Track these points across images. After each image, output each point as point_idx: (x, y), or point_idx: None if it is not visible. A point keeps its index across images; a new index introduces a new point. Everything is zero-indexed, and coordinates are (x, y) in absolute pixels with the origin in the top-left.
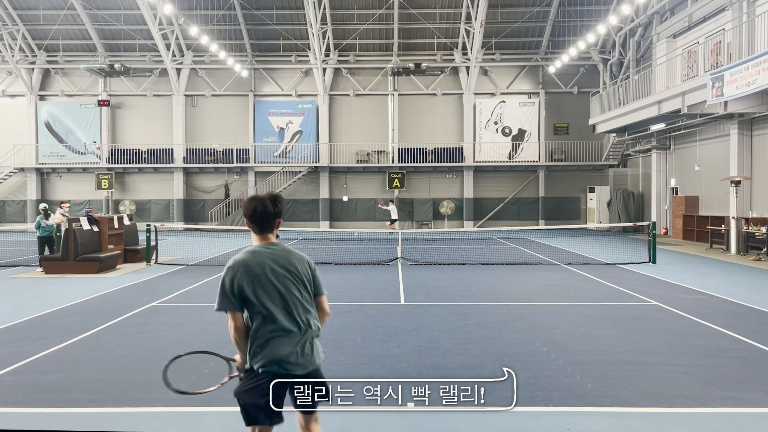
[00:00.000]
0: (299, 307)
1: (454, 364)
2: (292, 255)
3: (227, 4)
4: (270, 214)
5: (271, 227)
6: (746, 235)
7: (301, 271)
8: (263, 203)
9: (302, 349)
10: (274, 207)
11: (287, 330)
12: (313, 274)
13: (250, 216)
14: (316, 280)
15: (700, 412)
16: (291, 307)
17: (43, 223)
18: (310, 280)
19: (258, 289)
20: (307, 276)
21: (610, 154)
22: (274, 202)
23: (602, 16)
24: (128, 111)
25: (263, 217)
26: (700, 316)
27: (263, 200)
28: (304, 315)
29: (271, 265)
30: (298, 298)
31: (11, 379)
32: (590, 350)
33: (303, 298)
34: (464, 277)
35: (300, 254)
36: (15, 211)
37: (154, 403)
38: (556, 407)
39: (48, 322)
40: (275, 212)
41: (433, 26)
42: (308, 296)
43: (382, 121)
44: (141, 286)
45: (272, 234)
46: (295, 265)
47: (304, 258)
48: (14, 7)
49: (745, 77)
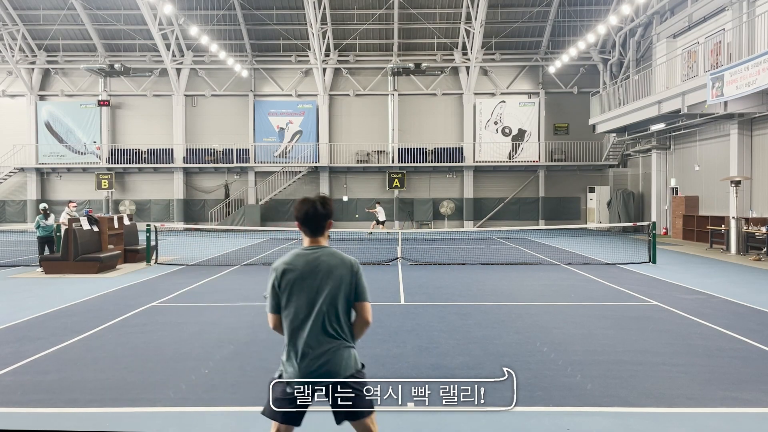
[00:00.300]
0: (332, 313)
1: (454, 364)
2: (335, 258)
3: (227, 4)
4: (321, 216)
5: (322, 229)
6: (746, 235)
7: (341, 276)
8: (314, 205)
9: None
10: (323, 208)
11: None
12: (357, 279)
13: (302, 219)
14: (359, 286)
15: (700, 412)
16: (323, 313)
17: (42, 223)
18: (353, 285)
19: (292, 293)
20: (349, 281)
21: (610, 154)
22: (324, 203)
23: (602, 16)
24: (128, 111)
25: (314, 219)
26: (700, 316)
27: (314, 202)
28: (335, 323)
29: (311, 269)
30: (333, 304)
31: (11, 379)
32: (590, 350)
33: (338, 305)
34: (464, 277)
35: (346, 258)
36: (15, 211)
37: (154, 403)
38: (556, 407)
39: (48, 322)
40: (325, 213)
41: (433, 26)
42: (345, 302)
43: (382, 121)
44: (141, 286)
45: (323, 236)
46: (338, 269)
47: (348, 262)
48: (14, 7)
49: (745, 77)
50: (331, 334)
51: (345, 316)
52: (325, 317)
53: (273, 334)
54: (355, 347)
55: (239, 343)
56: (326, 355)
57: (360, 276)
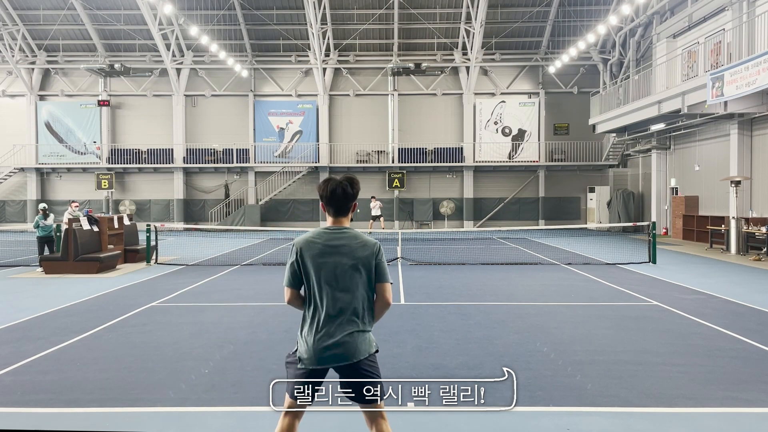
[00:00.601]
0: (350, 294)
1: (454, 364)
2: (357, 240)
3: (227, 4)
4: (348, 196)
5: (346, 210)
6: (746, 235)
7: (362, 257)
8: (342, 185)
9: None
10: (351, 188)
11: (331, 317)
12: (378, 261)
13: (328, 197)
14: (380, 267)
15: (700, 412)
16: (341, 293)
17: (42, 223)
18: (372, 267)
19: (311, 271)
20: (369, 263)
21: (610, 154)
22: (352, 183)
23: (602, 16)
24: (128, 111)
25: (341, 199)
26: (700, 316)
27: (341, 182)
28: (354, 303)
29: (331, 249)
30: (352, 286)
31: (11, 379)
32: (590, 350)
33: (358, 286)
34: (464, 277)
35: (368, 240)
36: (15, 211)
37: (154, 403)
38: (556, 407)
39: (48, 322)
40: (353, 194)
41: (433, 26)
42: (365, 285)
43: (382, 121)
44: (141, 286)
45: (346, 218)
46: (359, 250)
47: (370, 244)
48: (14, 7)
49: (745, 77)
50: (348, 315)
51: (364, 297)
52: (343, 297)
53: (273, 334)
54: (371, 330)
55: (239, 343)
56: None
57: (382, 258)
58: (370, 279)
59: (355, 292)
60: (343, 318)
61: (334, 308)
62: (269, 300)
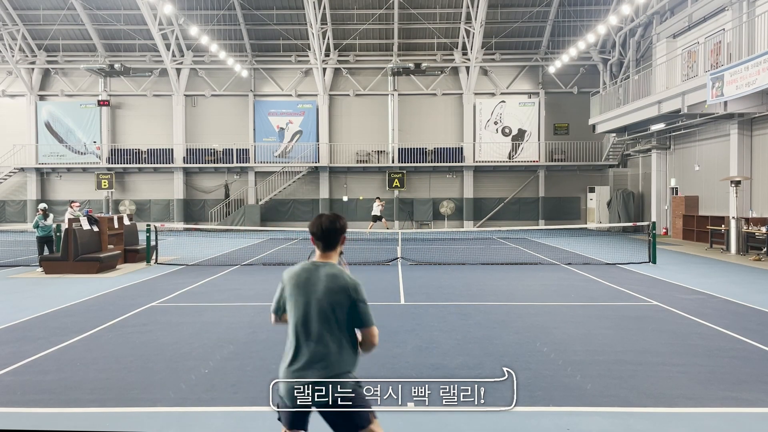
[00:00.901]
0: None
1: (454, 364)
2: (335, 280)
3: (227, 4)
4: (331, 231)
5: (334, 245)
6: (746, 235)
7: (338, 301)
8: (329, 220)
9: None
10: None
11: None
12: (354, 304)
13: (314, 233)
14: (358, 311)
15: (700, 412)
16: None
17: (42, 223)
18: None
19: (292, 307)
20: (347, 306)
21: (610, 154)
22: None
23: (602, 16)
24: (128, 111)
25: (326, 234)
26: (700, 316)
27: (328, 217)
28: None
29: (305, 282)
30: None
31: (11, 379)
32: (590, 350)
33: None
34: (464, 277)
35: (347, 280)
36: (15, 211)
37: (154, 403)
38: (556, 407)
39: (48, 322)
40: (336, 229)
41: (433, 26)
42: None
43: (382, 121)
44: (141, 286)
45: (334, 252)
46: (335, 293)
47: (348, 286)
48: (14, 7)
49: (745, 77)
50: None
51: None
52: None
53: (273, 334)
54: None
55: (239, 343)
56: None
57: (360, 301)
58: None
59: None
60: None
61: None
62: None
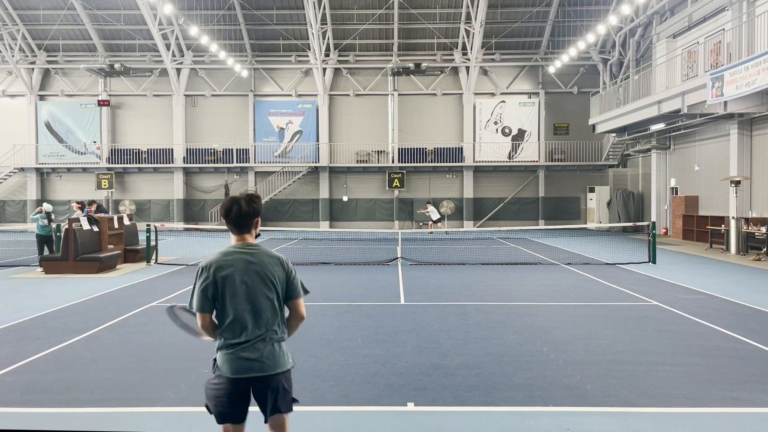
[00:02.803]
0: (266, 310)
1: (454, 364)
2: (264, 256)
3: (227, 4)
4: (245, 214)
5: (249, 227)
6: (746, 235)
7: (271, 273)
8: (238, 203)
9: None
10: (249, 206)
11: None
12: (288, 276)
13: (225, 216)
14: (291, 282)
15: (700, 412)
16: (256, 310)
17: (42, 222)
18: (283, 282)
19: (226, 291)
20: (280, 278)
21: (610, 154)
22: (249, 201)
23: (602, 16)
24: (128, 111)
25: (238, 217)
26: (700, 316)
27: (238, 200)
28: (269, 319)
29: (241, 267)
30: (265, 301)
31: (11, 379)
32: (590, 350)
33: (270, 301)
34: (464, 277)
35: (274, 255)
36: (15, 211)
37: (154, 403)
38: (556, 407)
39: (48, 322)
40: (250, 211)
41: (433, 26)
42: (276, 300)
43: (382, 121)
44: (141, 286)
45: (250, 234)
46: (267, 266)
47: (277, 259)
48: (14, 7)
49: (745, 77)
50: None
51: (279, 312)
52: (260, 313)
53: None
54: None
55: None
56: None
57: (292, 272)
58: (282, 293)
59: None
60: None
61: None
62: None
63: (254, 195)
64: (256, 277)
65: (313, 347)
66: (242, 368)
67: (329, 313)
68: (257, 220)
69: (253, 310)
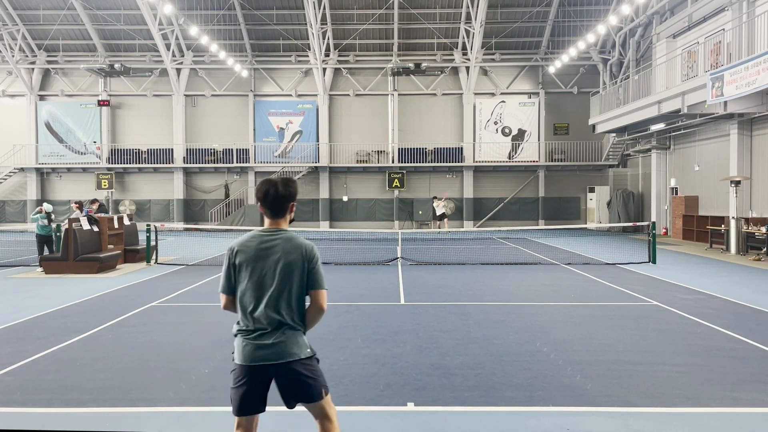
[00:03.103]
0: (284, 298)
1: (454, 364)
2: (291, 242)
3: (227, 4)
4: (282, 197)
5: (283, 212)
6: (746, 235)
7: (295, 261)
8: (275, 186)
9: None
10: (285, 189)
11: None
12: (311, 265)
13: (262, 199)
14: (313, 273)
15: (700, 412)
16: (271, 297)
17: (42, 222)
18: (306, 272)
19: (246, 275)
20: (303, 267)
21: (610, 154)
22: (286, 184)
23: (602, 16)
24: (128, 111)
25: (275, 200)
26: (700, 316)
27: (275, 183)
28: (287, 308)
29: (260, 254)
30: (286, 289)
31: (11, 379)
32: (590, 350)
33: (291, 290)
34: (464, 277)
35: (301, 243)
36: (15, 211)
37: (154, 403)
38: (556, 407)
39: (48, 322)
40: (287, 194)
41: (433, 26)
42: (299, 288)
43: (382, 121)
44: (141, 286)
45: (284, 219)
46: (292, 254)
47: (304, 247)
48: (14, 7)
49: (745, 77)
50: (282, 318)
51: (297, 302)
52: (276, 301)
53: None
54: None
55: None
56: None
57: (315, 262)
58: (302, 283)
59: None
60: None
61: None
62: None
63: (290, 179)
64: (273, 264)
65: (313, 347)
66: (253, 356)
67: (329, 313)
68: (293, 204)
69: (267, 297)
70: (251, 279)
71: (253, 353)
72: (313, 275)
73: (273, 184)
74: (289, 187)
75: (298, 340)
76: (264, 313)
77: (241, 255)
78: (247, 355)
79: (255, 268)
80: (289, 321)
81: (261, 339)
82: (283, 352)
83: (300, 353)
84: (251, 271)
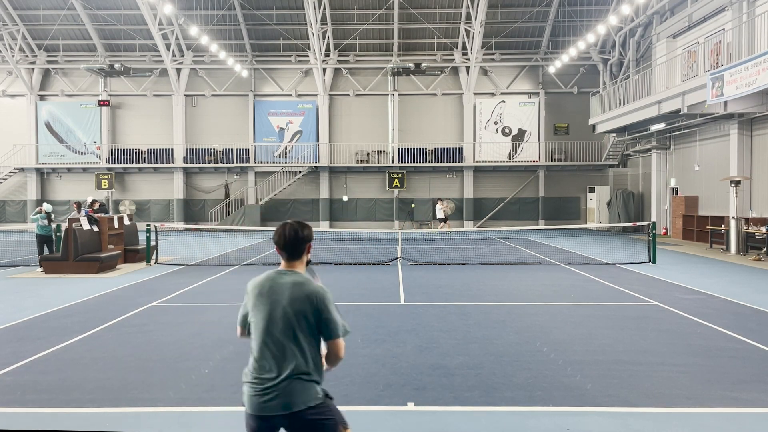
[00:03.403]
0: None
1: (454, 364)
2: (301, 289)
3: (227, 4)
4: (297, 241)
5: (299, 253)
6: (746, 235)
7: (303, 311)
8: (293, 229)
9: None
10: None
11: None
12: (323, 315)
13: (278, 243)
14: (325, 321)
15: (700, 412)
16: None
17: (42, 222)
18: (314, 320)
19: (254, 317)
20: (314, 315)
21: (610, 154)
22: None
23: (602, 16)
24: (128, 111)
25: (291, 245)
26: (700, 316)
27: (291, 227)
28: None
29: (268, 291)
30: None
31: (11, 379)
32: (590, 350)
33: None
34: (464, 277)
35: (311, 290)
36: (15, 211)
37: (154, 403)
38: (556, 407)
39: (48, 322)
40: (303, 237)
41: (433, 26)
42: (309, 337)
43: (382, 121)
44: (141, 286)
45: (300, 261)
46: (299, 302)
47: (314, 295)
48: (14, 7)
49: (745, 77)
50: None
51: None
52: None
53: None
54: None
55: (239, 343)
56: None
57: (326, 311)
58: (313, 332)
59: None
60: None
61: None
62: None
63: (305, 224)
64: (281, 311)
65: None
66: (258, 406)
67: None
68: (309, 245)
69: (273, 345)
70: (258, 323)
71: (258, 403)
72: (327, 325)
73: (289, 228)
74: (304, 230)
75: (307, 388)
76: (269, 361)
77: (252, 294)
78: (252, 404)
79: (262, 312)
80: (297, 371)
81: (265, 389)
82: (288, 402)
83: (308, 402)
84: (259, 314)
